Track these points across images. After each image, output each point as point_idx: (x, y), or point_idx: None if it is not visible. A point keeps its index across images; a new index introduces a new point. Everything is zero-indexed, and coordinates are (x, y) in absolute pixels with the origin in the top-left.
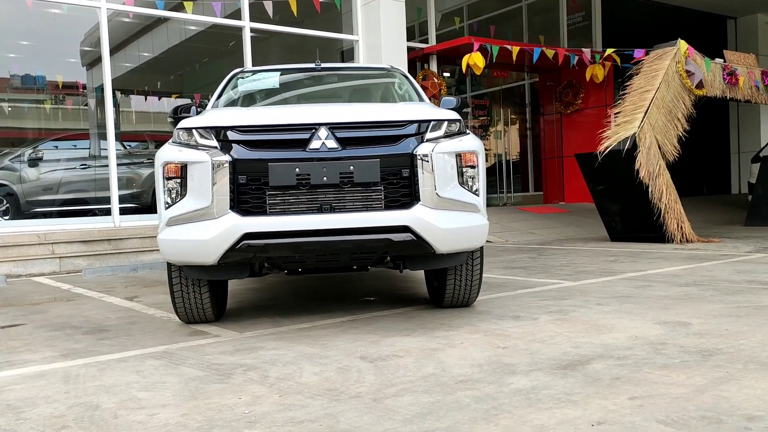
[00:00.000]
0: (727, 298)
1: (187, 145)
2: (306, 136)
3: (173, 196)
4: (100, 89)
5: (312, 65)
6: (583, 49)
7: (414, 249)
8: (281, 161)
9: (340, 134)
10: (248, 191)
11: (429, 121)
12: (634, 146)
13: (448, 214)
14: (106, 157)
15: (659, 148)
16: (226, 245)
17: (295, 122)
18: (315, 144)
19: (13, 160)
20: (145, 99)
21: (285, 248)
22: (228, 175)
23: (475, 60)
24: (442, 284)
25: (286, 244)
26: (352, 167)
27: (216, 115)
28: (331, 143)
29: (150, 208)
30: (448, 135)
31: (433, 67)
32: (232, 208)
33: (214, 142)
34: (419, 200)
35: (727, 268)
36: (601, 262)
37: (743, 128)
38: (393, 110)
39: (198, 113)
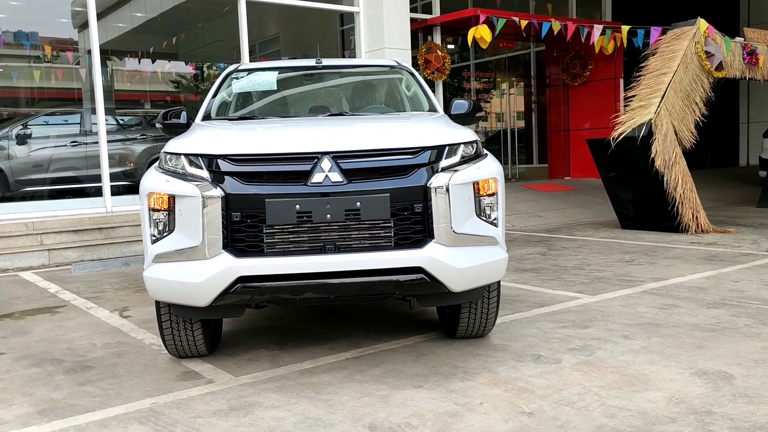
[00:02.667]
0: (765, 331)
1: (175, 174)
2: (307, 167)
3: (160, 229)
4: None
5: (312, 62)
6: (595, 24)
7: (427, 289)
8: (279, 197)
9: (346, 165)
10: (243, 229)
11: (443, 146)
12: (650, 133)
13: (465, 250)
14: (96, 133)
15: (675, 134)
16: (219, 289)
17: (294, 151)
18: (317, 177)
19: (0, 138)
20: (139, 62)
21: (284, 291)
22: (220, 211)
23: (482, 33)
24: (455, 316)
25: (285, 287)
26: (358, 203)
27: (207, 137)
28: (336, 176)
29: None
30: (465, 160)
31: (437, 39)
32: (225, 247)
33: (205, 173)
34: (433, 237)
35: (753, 278)
36: (616, 263)
37: (754, 97)
38: (404, 134)
39: (188, 125)
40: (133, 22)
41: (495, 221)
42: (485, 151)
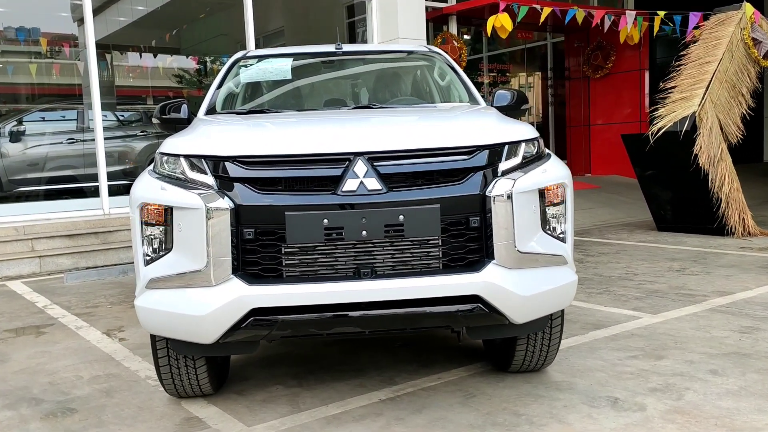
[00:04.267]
0: None
1: (173, 180)
2: (337, 171)
3: (155, 247)
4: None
5: (331, 48)
6: (626, 10)
7: (483, 321)
8: (303, 209)
9: (385, 168)
10: (258, 249)
11: (503, 145)
12: (693, 127)
13: (530, 274)
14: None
15: (721, 129)
16: (227, 323)
17: (321, 152)
18: (350, 185)
19: None
20: (140, 56)
21: (309, 325)
22: (229, 226)
23: (502, 22)
24: (509, 347)
25: (310, 321)
26: (401, 216)
27: (212, 134)
28: (373, 183)
29: None
30: (527, 161)
31: (453, 29)
32: (235, 271)
33: (210, 179)
34: (492, 258)
35: None
36: (666, 273)
37: None
38: (455, 130)
39: (190, 120)
40: (134, 15)
41: (563, 236)
42: (547, 151)
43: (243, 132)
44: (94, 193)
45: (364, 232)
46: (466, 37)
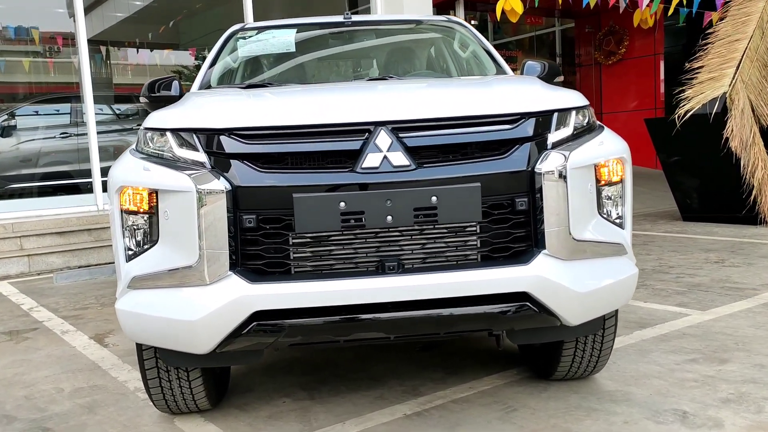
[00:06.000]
0: None
1: (158, 159)
2: (356, 144)
3: (138, 240)
4: (90, 42)
5: (339, 18)
6: None
7: (531, 323)
8: (315, 190)
9: (413, 140)
10: (260, 239)
11: (551, 112)
12: (724, 109)
13: (586, 266)
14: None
15: (752, 111)
16: (225, 330)
17: (335, 121)
18: (372, 160)
19: None
20: (137, 51)
21: (323, 331)
22: (225, 212)
23: (512, 5)
24: (554, 352)
25: (325, 326)
26: (434, 198)
27: (205, 105)
28: (399, 158)
29: None
30: (578, 133)
31: (460, 13)
32: (233, 266)
33: (202, 155)
34: (543, 247)
35: None
36: (704, 265)
37: None
38: (493, 96)
39: (181, 95)
40: (130, 10)
41: (621, 221)
42: (599, 123)
43: (241, 102)
44: (86, 189)
45: (389, 218)
46: (473, 22)
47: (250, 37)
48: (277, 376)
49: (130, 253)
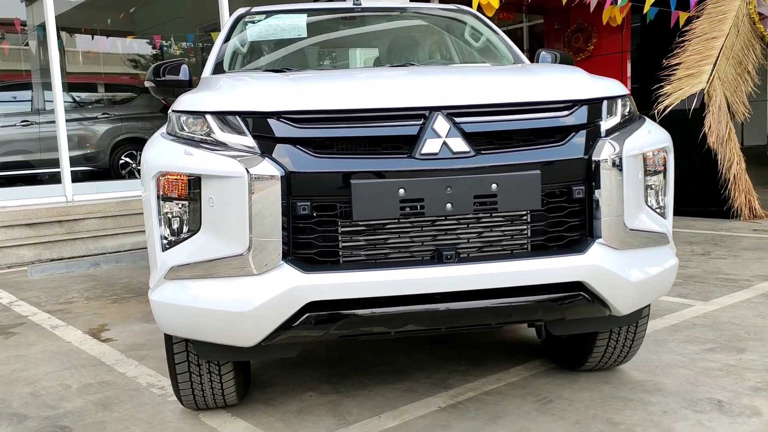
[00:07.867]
0: None
1: (200, 143)
2: (413, 130)
3: (176, 228)
4: (42, 28)
5: (348, 4)
6: None
7: (582, 313)
8: (374, 176)
9: (470, 126)
10: (314, 227)
11: (601, 100)
12: (702, 105)
13: (636, 255)
14: (52, 111)
15: (728, 107)
16: (276, 322)
17: (392, 105)
18: (431, 146)
19: None
20: (92, 38)
21: (378, 322)
22: (280, 200)
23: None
24: (586, 343)
25: (380, 317)
26: (495, 185)
27: (248, 87)
28: (458, 144)
29: (108, 173)
30: (625, 122)
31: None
32: (285, 256)
33: (249, 140)
34: (598, 236)
35: None
36: (692, 257)
37: None
38: (544, 82)
39: (191, 82)
40: None
41: (663, 211)
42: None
43: (287, 85)
44: (52, 180)
45: (449, 205)
46: None
47: (258, 20)
48: (296, 370)
49: (168, 241)
